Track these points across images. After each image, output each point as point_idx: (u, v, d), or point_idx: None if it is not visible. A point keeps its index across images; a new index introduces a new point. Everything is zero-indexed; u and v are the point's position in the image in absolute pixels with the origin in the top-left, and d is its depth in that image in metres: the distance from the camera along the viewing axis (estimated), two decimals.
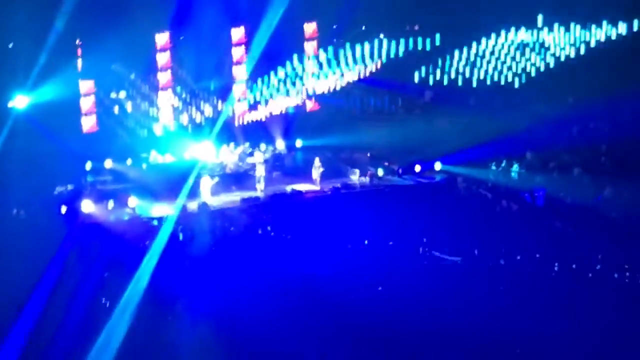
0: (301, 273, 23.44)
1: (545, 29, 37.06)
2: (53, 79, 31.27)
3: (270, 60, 36.15)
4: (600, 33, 36.32)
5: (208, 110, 36.03)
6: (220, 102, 35.99)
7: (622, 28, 36.13)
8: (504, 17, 37.14)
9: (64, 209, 28.26)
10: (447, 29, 37.88)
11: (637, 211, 26.46)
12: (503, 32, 37.49)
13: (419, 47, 37.68)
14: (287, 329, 20.38)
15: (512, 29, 37.23)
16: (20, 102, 31.36)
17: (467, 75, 37.66)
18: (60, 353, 19.24)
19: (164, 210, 28.70)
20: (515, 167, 31.79)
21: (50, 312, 20.93)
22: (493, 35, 37.50)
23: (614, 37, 36.33)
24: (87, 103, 33.15)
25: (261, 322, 20.66)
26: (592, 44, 36.60)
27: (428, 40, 37.76)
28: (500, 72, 37.63)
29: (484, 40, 37.47)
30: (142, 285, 22.01)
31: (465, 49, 37.58)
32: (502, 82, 37.63)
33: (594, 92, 33.25)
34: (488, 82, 37.75)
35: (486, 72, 37.67)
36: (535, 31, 37.31)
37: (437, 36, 37.66)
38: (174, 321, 20.89)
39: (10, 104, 31.32)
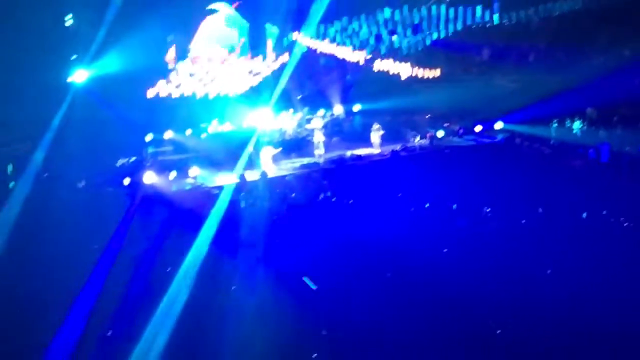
0: (363, 238, 23.30)
1: None
2: (111, 51, 31.49)
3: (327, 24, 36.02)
4: None
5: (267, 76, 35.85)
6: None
7: None
8: None
9: (126, 181, 28.52)
10: None
11: None
12: None
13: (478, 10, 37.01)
14: (350, 292, 20.42)
15: None
16: (79, 76, 31.66)
17: (525, 31, 36.83)
18: (125, 317, 19.57)
19: (226, 179, 28.82)
20: (578, 123, 31.12)
21: (114, 282, 21.26)
22: None
23: None
24: None
25: (324, 289, 20.73)
26: None
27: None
28: (558, 28, 36.66)
29: None
30: (203, 253, 22.23)
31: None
32: (559, 39, 36.67)
33: None
34: (545, 39, 36.86)
35: (543, 28, 36.78)
36: None
37: None
38: (235, 290, 21.05)
39: (69, 79, 31.66)
